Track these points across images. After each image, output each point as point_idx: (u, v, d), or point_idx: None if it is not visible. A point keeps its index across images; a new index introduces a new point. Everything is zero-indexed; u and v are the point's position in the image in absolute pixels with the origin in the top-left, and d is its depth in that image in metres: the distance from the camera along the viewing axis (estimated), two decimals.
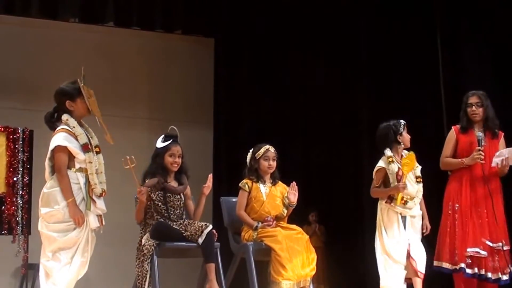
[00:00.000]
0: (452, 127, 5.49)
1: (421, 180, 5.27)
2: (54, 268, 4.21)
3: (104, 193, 4.37)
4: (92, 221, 4.31)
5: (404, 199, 5.14)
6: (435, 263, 5.28)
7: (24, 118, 7.85)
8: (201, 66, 8.61)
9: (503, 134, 5.42)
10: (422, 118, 6.85)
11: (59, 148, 4.26)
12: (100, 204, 4.36)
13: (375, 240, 5.24)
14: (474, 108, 5.38)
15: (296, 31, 8.15)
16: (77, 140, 4.31)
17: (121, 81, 8.08)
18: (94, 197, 4.32)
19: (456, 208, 5.25)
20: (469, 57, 6.79)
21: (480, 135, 5.22)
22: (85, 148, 4.32)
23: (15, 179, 7.55)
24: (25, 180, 7.57)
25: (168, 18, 7.94)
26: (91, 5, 7.54)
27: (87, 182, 4.31)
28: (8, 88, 8.02)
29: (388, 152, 5.23)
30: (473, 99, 5.41)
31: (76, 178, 4.29)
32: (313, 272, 5.24)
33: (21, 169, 7.58)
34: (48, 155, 4.30)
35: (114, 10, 7.59)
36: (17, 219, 7.50)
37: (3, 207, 7.50)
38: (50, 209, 4.23)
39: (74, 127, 4.32)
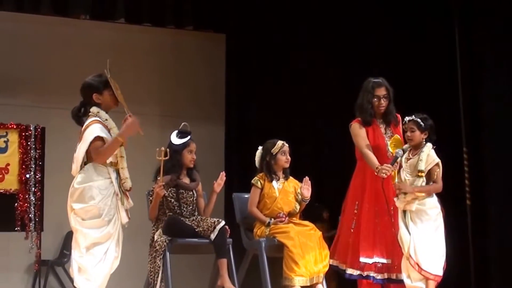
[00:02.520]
0: (353, 121, 5.13)
1: (422, 175, 4.84)
2: (89, 264, 4.18)
3: (131, 188, 4.34)
4: (124, 216, 4.31)
5: (399, 192, 4.86)
6: (333, 262, 5.12)
7: (36, 115, 7.92)
8: (212, 62, 8.65)
9: (399, 115, 5.14)
10: (437, 118, 6.80)
11: (98, 138, 4.20)
12: (130, 199, 4.36)
13: None
14: (382, 101, 5.06)
15: (307, 27, 8.15)
16: (109, 133, 4.27)
17: (132, 77, 8.11)
18: (124, 192, 4.30)
19: (358, 207, 5.04)
20: (487, 53, 6.74)
21: (400, 152, 4.84)
22: None
23: (27, 176, 7.61)
24: (37, 177, 7.63)
25: (179, 14, 8.00)
26: (101, 1, 7.59)
27: (118, 177, 4.28)
28: (20, 86, 8.07)
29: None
30: (381, 91, 5.06)
31: (107, 173, 4.24)
32: (326, 269, 5.24)
33: (33, 166, 7.65)
34: (86, 147, 4.20)
35: (124, 7, 7.65)
36: (30, 216, 7.57)
37: (16, 204, 7.58)
38: (84, 205, 4.17)
39: (106, 119, 4.29)
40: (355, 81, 7.67)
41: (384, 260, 4.98)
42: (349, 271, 5.02)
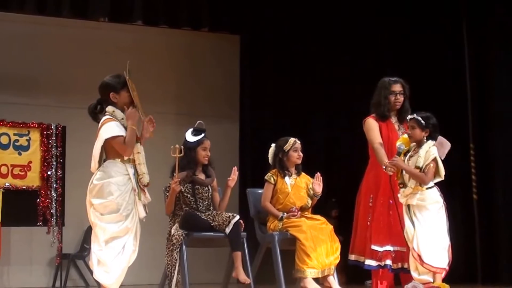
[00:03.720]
0: (368, 117, 5.23)
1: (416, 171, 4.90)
2: (108, 257, 4.27)
3: (149, 184, 4.43)
4: (141, 211, 4.39)
5: (400, 185, 4.97)
6: (352, 257, 5.22)
7: (57, 115, 8.03)
8: (227, 62, 8.74)
9: None
10: (444, 115, 6.87)
11: (118, 137, 4.30)
12: (147, 194, 4.44)
13: None
14: (398, 96, 5.19)
15: (320, 28, 8.24)
16: (126, 130, 4.34)
17: (149, 77, 8.23)
18: (142, 187, 4.38)
19: (372, 201, 5.15)
20: (494, 50, 6.76)
21: (401, 146, 4.94)
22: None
23: (49, 173, 7.71)
24: (58, 174, 7.73)
25: (194, 16, 8.07)
26: (120, 4, 7.69)
27: (136, 172, 4.38)
28: (41, 86, 8.22)
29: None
30: (397, 87, 5.20)
31: (125, 169, 4.34)
32: (337, 261, 5.32)
33: (54, 164, 7.74)
34: (101, 144, 4.31)
35: (142, 9, 7.75)
36: (51, 211, 7.67)
37: (38, 200, 7.66)
38: (103, 200, 4.27)
39: (122, 118, 4.38)
40: (368, 81, 7.80)
41: (397, 248, 5.07)
42: (368, 261, 5.11)
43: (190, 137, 5.40)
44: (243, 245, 5.28)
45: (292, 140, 5.58)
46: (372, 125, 5.20)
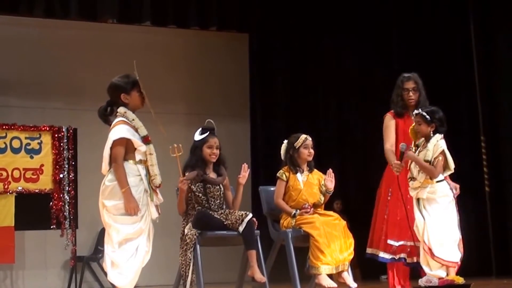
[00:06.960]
0: (387, 113, 5.31)
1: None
2: (121, 259, 4.29)
3: (160, 185, 4.43)
4: (154, 212, 4.41)
5: (409, 179, 5.00)
6: (369, 250, 5.26)
7: (68, 117, 8.10)
8: (237, 61, 8.78)
9: None
10: (455, 108, 6.87)
11: (121, 141, 4.28)
12: (159, 194, 4.45)
13: None
14: (411, 93, 5.25)
15: (328, 24, 8.25)
16: (137, 132, 4.34)
17: (158, 78, 8.28)
18: (154, 188, 4.39)
19: (390, 195, 5.18)
20: (502, 40, 6.76)
21: (403, 146, 4.98)
22: (146, 140, 4.37)
23: (61, 175, 7.75)
24: (71, 176, 7.77)
25: (203, 16, 8.14)
26: (128, 6, 7.76)
27: (148, 173, 4.37)
28: (52, 89, 8.28)
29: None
30: (409, 84, 5.27)
31: (137, 170, 4.34)
32: (351, 256, 5.31)
33: (66, 166, 7.79)
34: (110, 145, 4.29)
35: (150, 10, 7.80)
36: (65, 214, 7.71)
37: (51, 203, 7.71)
38: (117, 202, 4.28)
39: (133, 119, 4.36)
40: (378, 75, 7.82)
41: (413, 243, 5.09)
42: (382, 254, 5.16)
43: (197, 136, 5.42)
44: (257, 243, 5.28)
45: (303, 137, 5.58)
46: (388, 123, 5.28)
